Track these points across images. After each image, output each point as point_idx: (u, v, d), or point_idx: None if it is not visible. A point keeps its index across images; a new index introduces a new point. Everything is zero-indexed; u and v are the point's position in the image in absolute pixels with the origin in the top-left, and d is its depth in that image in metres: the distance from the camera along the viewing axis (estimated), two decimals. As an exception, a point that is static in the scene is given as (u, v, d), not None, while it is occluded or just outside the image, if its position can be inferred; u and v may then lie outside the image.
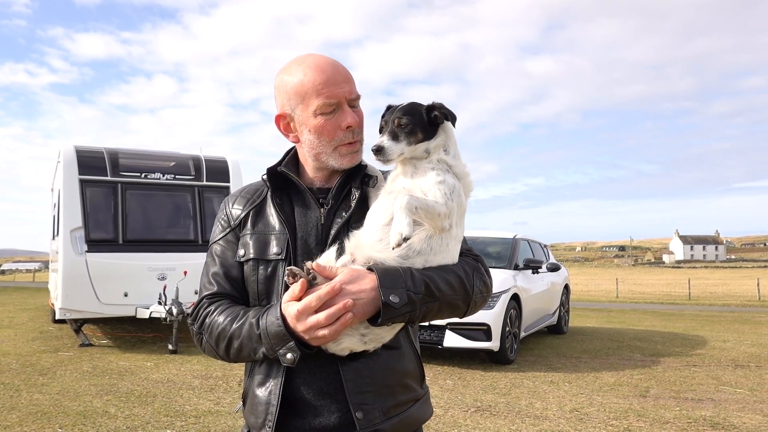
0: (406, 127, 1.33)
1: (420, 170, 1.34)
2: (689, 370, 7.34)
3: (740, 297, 24.78)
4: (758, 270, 63.28)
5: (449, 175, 1.34)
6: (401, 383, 1.40)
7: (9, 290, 24.03)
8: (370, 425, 1.31)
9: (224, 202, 1.54)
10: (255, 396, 1.38)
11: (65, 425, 4.64)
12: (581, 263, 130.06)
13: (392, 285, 1.24)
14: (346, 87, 1.37)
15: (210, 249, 1.50)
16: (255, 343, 1.28)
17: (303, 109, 1.37)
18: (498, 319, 7.17)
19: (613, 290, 28.12)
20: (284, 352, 1.23)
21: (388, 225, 1.28)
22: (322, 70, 1.36)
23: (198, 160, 9.45)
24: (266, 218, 1.45)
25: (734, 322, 14.01)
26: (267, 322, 1.27)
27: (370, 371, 1.34)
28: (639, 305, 20.62)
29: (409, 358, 1.45)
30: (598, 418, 5.06)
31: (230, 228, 1.48)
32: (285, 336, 1.23)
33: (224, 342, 1.34)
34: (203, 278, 1.48)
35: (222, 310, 1.38)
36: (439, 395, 5.79)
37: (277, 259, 1.39)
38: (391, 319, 1.24)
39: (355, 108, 1.40)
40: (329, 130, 1.37)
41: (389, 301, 1.22)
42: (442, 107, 1.37)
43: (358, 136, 1.40)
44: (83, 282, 8.08)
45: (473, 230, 10.07)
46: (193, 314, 1.44)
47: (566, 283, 11.05)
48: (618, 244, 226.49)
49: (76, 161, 8.47)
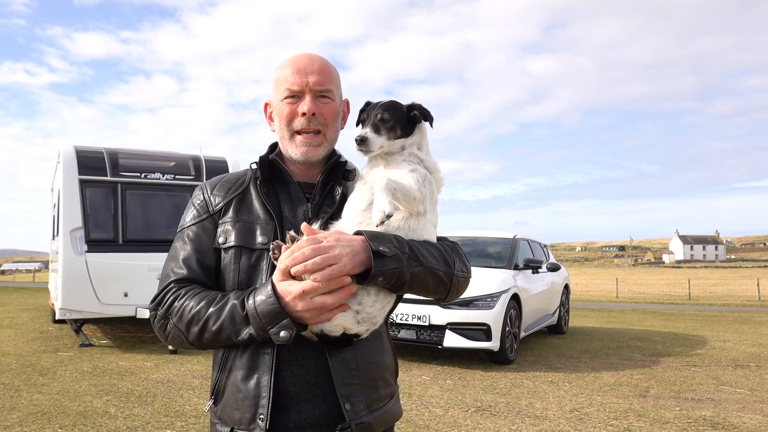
0: (387, 122, 1.39)
1: (393, 162, 1.40)
2: (689, 370, 7.35)
3: (740, 297, 24.77)
4: (758, 270, 63.29)
5: (420, 166, 1.41)
6: (382, 377, 1.43)
7: (9, 290, 24.03)
8: (357, 417, 1.33)
9: (200, 188, 1.51)
10: (238, 390, 1.33)
11: (65, 425, 4.64)
12: (581, 263, 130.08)
13: (380, 240, 1.27)
14: (314, 78, 1.41)
15: (180, 233, 1.46)
16: (239, 324, 1.26)
17: (276, 96, 1.46)
18: (498, 319, 7.18)
19: (613, 290, 28.13)
20: (277, 330, 1.22)
21: (366, 210, 1.34)
22: (296, 61, 1.44)
23: (198, 160, 9.45)
24: (251, 207, 1.44)
25: (734, 322, 14.02)
26: (256, 301, 1.25)
27: (356, 364, 1.35)
28: (639, 305, 20.62)
29: (389, 353, 1.49)
30: (598, 418, 5.06)
31: (208, 214, 1.45)
32: (279, 313, 1.22)
33: (197, 326, 1.30)
34: (170, 263, 1.43)
35: (194, 294, 1.34)
36: (439, 395, 5.79)
37: (263, 249, 1.38)
38: (382, 273, 1.24)
39: (322, 101, 1.43)
40: (287, 114, 1.42)
41: (379, 250, 1.24)
42: (421, 107, 1.44)
43: (318, 126, 1.42)
44: (83, 282, 8.08)
45: (473, 230, 10.08)
46: (157, 299, 1.38)
47: (566, 283, 11.05)
48: (618, 244, 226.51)
49: (75, 161, 8.47)
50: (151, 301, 1.40)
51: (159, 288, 1.40)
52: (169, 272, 1.41)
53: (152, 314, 1.39)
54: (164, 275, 1.42)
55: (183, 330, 1.32)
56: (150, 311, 1.40)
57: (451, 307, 7.19)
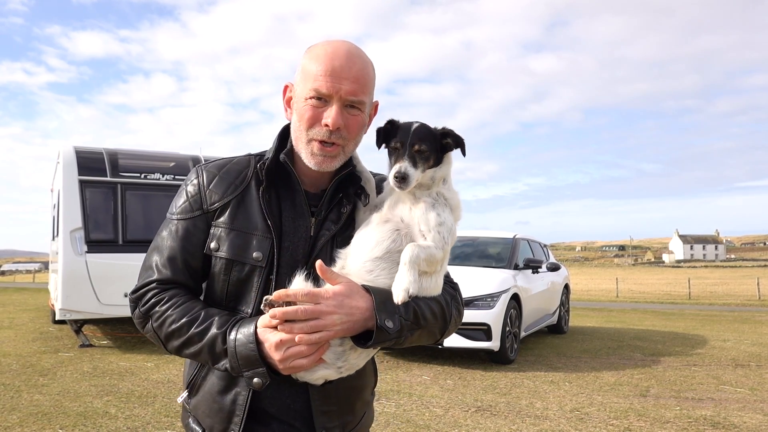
0: (423, 153, 1.29)
1: (420, 204, 1.30)
2: (689, 369, 7.35)
3: (740, 296, 24.78)
4: (758, 269, 63.28)
5: (447, 212, 1.32)
6: (360, 399, 1.41)
7: (9, 291, 24.02)
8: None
9: (198, 174, 1.37)
10: (214, 399, 1.31)
11: (66, 426, 4.64)
12: (581, 263, 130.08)
13: (387, 309, 1.20)
14: (347, 86, 1.26)
15: (171, 223, 1.35)
16: (217, 355, 1.23)
17: (302, 88, 1.31)
18: (498, 319, 7.18)
19: (613, 290, 28.13)
20: (251, 375, 1.20)
21: (381, 258, 1.27)
22: (332, 59, 1.27)
23: (198, 161, 9.45)
24: (249, 213, 1.31)
25: (734, 321, 14.02)
26: (237, 342, 1.20)
27: (335, 391, 1.32)
28: (639, 305, 20.63)
29: (369, 371, 1.45)
30: (599, 418, 5.06)
31: (202, 211, 1.33)
32: (257, 361, 1.18)
33: (177, 341, 1.26)
34: (156, 255, 1.33)
35: (177, 304, 1.28)
36: (439, 395, 5.79)
37: (256, 265, 1.29)
38: (380, 343, 1.21)
39: (351, 112, 1.30)
40: (309, 118, 1.28)
41: (384, 325, 1.19)
42: (455, 135, 1.33)
43: (337, 140, 1.29)
44: (83, 282, 8.08)
45: (473, 230, 10.08)
46: (138, 292, 1.32)
47: (566, 282, 11.05)
48: (618, 244, 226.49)
49: (75, 162, 8.47)
50: (132, 291, 1.34)
51: (141, 279, 1.34)
52: (152, 265, 1.33)
53: (132, 305, 1.34)
54: (147, 266, 1.34)
55: (162, 338, 1.29)
56: (130, 301, 1.35)
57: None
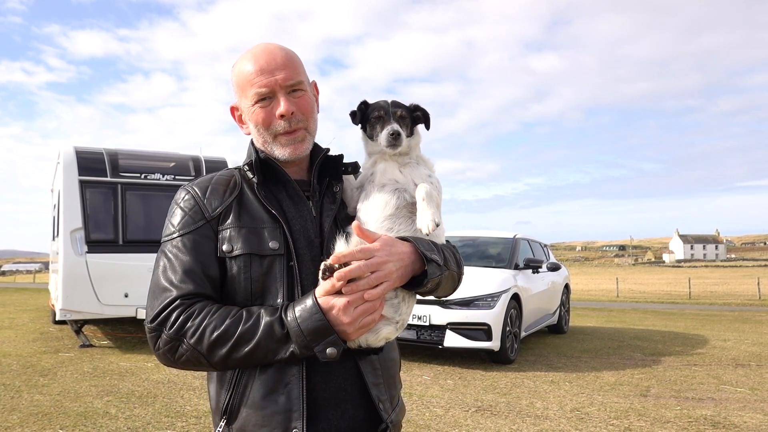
0: (404, 120, 1.41)
1: (408, 166, 1.41)
2: (690, 369, 7.34)
3: (741, 296, 24.77)
4: (758, 269, 63.26)
5: (430, 169, 1.44)
6: (398, 373, 1.46)
7: (9, 291, 24.02)
8: (387, 416, 1.34)
9: (186, 191, 1.36)
10: (264, 406, 1.24)
11: (66, 426, 4.64)
12: (581, 263, 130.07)
13: (428, 248, 1.30)
14: (281, 74, 1.32)
15: (171, 241, 1.30)
16: (276, 343, 1.19)
17: (245, 100, 1.36)
18: (498, 319, 7.17)
19: (613, 290, 28.12)
20: (323, 347, 1.17)
21: (395, 215, 1.35)
22: (256, 59, 1.34)
23: (198, 161, 9.46)
24: (251, 211, 1.33)
25: (735, 321, 14.01)
26: (300, 318, 1.18)
27: (380, 363, 1.36)
28: (639, 305, 20.62)
29: (397, 348, 1.50)
30: (599, 418, 5.06)
31: (205, 220, 1.30)
32: (327, 329, 1.17)
33: (224, 348, 1.19)
34: (170, 274, 1.26)
35: (211, 312, 1.22)
36: (439, 395, 5.79)
37: (275, 254, 1.28)
38: (433, 278, 1.28)
39: (295, 95, 1.35)
40: (264, 119, 1.34)
41: (433, 258, 1.28)
42: (423, 109, 1.45)
43: (297, 125, 1.35)
44: (83, 283, 8.08)
45: (474, 230, 10.08)
46: (159, 317, 1.22)
47: (566, 282, 11.05)
48: (618, 244, 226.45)
49: (75, 162, 8.47)
50: (150, 320, 1.24)
51: (158, 303, 1.24)
52: (168, 286, 1.25)
53: (155, 334, 1.23)
54: (160, 288, 1.25)
55: (204, 352, 1.20)
56: (151, 331, 1.24)
57: (451, 307, 7.19)
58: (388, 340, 1.31)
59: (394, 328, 1.30)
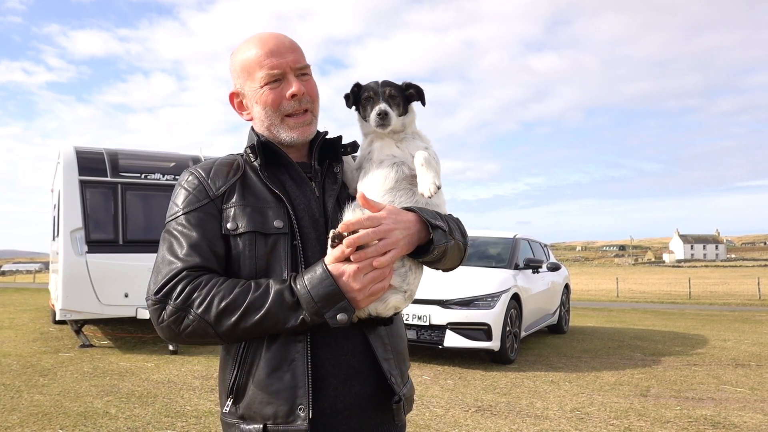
0: (395, 99, 1.41)
1: (404, 141, 1.42)
2: (690, 369, 7.34)
3: (741, 296, 24.77)
4: (759, 269, 63.26)
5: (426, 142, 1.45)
6: (405, 350, 1.46)
7: (9, 291, 24.03)
8: (399, 389, 1.35)
9: (191, 173, 1.37)
10: (269, 383, 1.24)
11: (66, 426, 4.64)
12: (581, 263, 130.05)
13: (432, 216, 1.32)
14: (290, 56, 1.36)
15: (177, 220, 1.30)
16: (287, 311, 1.19)
17: (250, 83, 1.37)
18: (498, 319, 7.17)
19: (613, 290, 28.12)
20: (334, 313, 1.18)
21: (395, 188, 1.37)
22: (265, 43, 1.36)
23: (198, 161, 9.44)
24: (255, 191, 1.34)
25: (735, 321, 14.01)
26: (310, 285, 1.19)
27: (390, 338, 1.37)
28: (639, 305, 20.62)
29: (403, 325, 1.51)
30: (599, 418, 5.06)
31: (209, 199, 1.31)
32: (338, 294, 1.18)
33: (233, 316, 1.18)
34: (176, 248, 1.26)
35: (218, 283, 1.22)
36: (439, 395, 5.79)
37: (279, 233, 1.30)
38: (438, 245, 1.29)
39: (303, 78, 1.38)
40: (274, 99, 1.35)
41: (438, 225, 1.30)
42: (417, 86, 1.45)
43: (307, 105, 1.38)
44: (83, 283, 8.08)
45: (474, 230, 10.07)
46: (164, 289, 1.22)
47: (566, 282, 11.05)
48: (618, 244, 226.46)
49: (75, 162, 8.47)
50: (155, 291, 1.23)
51: (162, 276, 1.23)
52: (173, 259, 1.25)
53: (159, 306, 1.22)
54: (166, 261, 1.25)
55: (211, 322, 1.19)
56: (154, 303, 1.23)
57: (451, 307, 7.19)
58: (397, 310, 1.32)
59: (402, 297, 1.31)
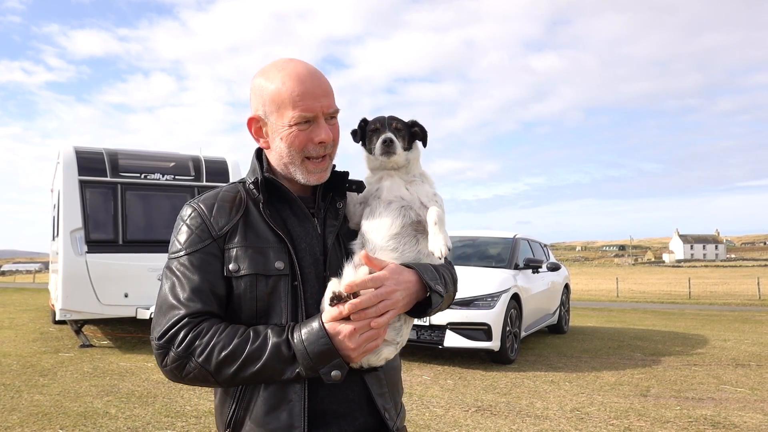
0: (400, 132, 1.44)
1: (413, 185, 1.44)
2: (690, 369, 7.35)
3: (740, 296, 24.78)
4: (758, 269, 63.26)
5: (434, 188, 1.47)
6: (399, 379, 1.49)
7: (9, 291, 24.03)
8: (393, 423, 1.37)
9: (193, 209, 1.36)
10: (265, 423, 1.26)
11: (66, 426, 4.64)
12: (581, 263, 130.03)
13: (432, 277, 1.34)
14: (325, 101, 1.33)
15: (180, 260, 1.31)
16: (283, 364, 1.22)
17: (278, 117, 1.33)
18: (498, 319, 7.18)
19: (613, 290, 28.13)
20: (328, 370, 1.22)
21: (400, 234, 1.38)
22: (302, 81, 1.31)
23: (198, 161, 9.46)
24: (257, 230, 1.33)
25: (735, 321, 14.02)
26: (306, 342, 1.21)
27: (384, 373, 1.39)
28: (639, 305, 20.63)
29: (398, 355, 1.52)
30: (599, 418, 5.06)
31: (212, 239, 1.31)
32: (332, 353, 1.21)
33: (232, 367, 1.22)
34: (178, 291, 1.28)
35: (220, 331, 1.24)
36: (439, 395, 5.79)
37: (280, 275, 1.30)
38: (436, 307, 1.34)
39: (331, 122, 1.37)
40: (301, 141, 1.33)
41: (436, 289, 1.33)
42: (421, 125, 1.49)
43: (329, 151, 1.38)
44: (83, 283, 8.08)
45: (473, 230, 10.08)
46: (167, 334, 1.24)
47: (566, 282, 11.05)
48: (618, 244, 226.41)
49: (75, 162, 8.47)
50: (158, 337, 1.26)
51: (165, 321, 1.26)
52: (176, 303, 1.26)
53: (162, 351, 1.25)
54: (168, 305, 1.27)
55: (212, 371, 1.22)
56: (158, 348, 1.26)
57: (451, 307, 7.14)
58: (388, 360, 1.36)
59: (394, 348, 1.35)
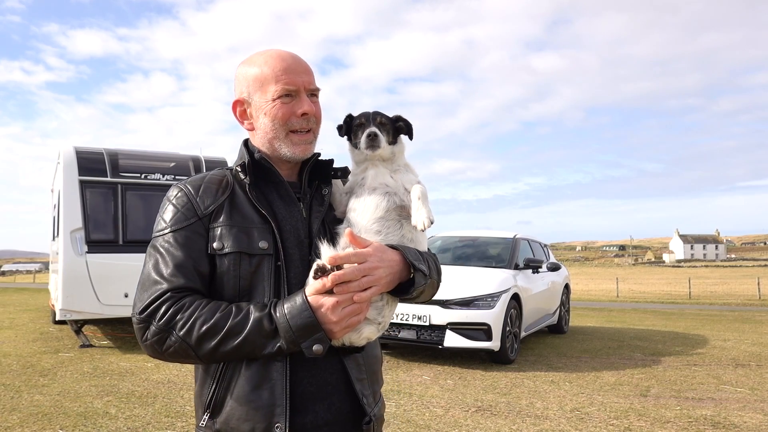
0: (385, 126, 1.48)
1: (397, 173, 1.48)
2: (690, 369, 7.35)
3: (740, 296, 24.78)
4: (758, 269, 63.24)
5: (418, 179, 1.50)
6: (379, 370, 1.50)
7: (9, 291, 24.03)
8: (371, 410, 1.38)
9: (180, 189, 1.39)
10: (247, 401, 1.27)
11: (66, 426, 4.64)
12: (581, 263, 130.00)
13: (416, 258, 1.37)
14: (306, 77, 1.41)
15: (164, 237, 1.32)
16: (265, 338, 1.22)
17: (261, 94, 1.40)
18: (498, 319, 7.18)
19: (613, 290, 28.13)
20: (310, 344, 1.22)
21: (384, 218, 1.41)
22: (283, 59, 1.40)
23: (198, 161, 9.46)
24: (242, 211, 1.36)
25: (735, 321, 14.01)
26: (289, 315, 1.22)
27: (364, 359, 1.41)
28: (639, 305, 20.63)
29: (379, 345, 1.54)
30: (599, 418, 5.06)
31: (197, 217, 1.33)
32: (315, 326, 1.22)
33: (212, 341, 1.22)
34: (161, 267, 1.29)
35: (201, 305, 1.25)
36: (439, 395, 5.79)
37: (263, 254, 1.32)
38: (419, 287, 1.36)
39: (313, 99, 1.43)
40: (284, 113, 1.38)
41: (420, 268, 1.35)
42: (406, 120, 1.52)
43: (312, 125, 1.43)
44: (83, 283, 8.08)
45: (473, 230, 10.08)
46: (148, 309, 1.25)
47: (566, 282, 11.05)
48: (618, 244, 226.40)
49: (75, 162, 8.48)
50: (140, 311, 1.26)
51: (147, 296, 1.27)
52: (159, 279, 1.28)
53: (143, 325, 1.25)
54: (151, 281, 1.28)
55: (192, 344, 1.23)
56: (139, 322, 1.26)
57: (451, 307, 7.19)
58: (369, 340, 1.37)
59: (375, 328, 1.36)
